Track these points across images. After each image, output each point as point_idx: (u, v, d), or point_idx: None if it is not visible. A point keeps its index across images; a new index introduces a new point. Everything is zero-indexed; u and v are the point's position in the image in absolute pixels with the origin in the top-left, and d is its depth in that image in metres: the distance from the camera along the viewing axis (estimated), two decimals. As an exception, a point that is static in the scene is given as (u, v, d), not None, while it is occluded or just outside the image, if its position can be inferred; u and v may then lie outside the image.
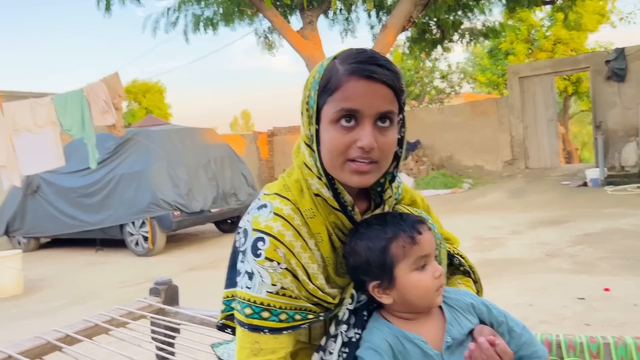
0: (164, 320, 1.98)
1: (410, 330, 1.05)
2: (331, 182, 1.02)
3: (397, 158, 1.06)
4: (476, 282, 1.29)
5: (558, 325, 3.20)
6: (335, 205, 1.03)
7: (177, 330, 1.97)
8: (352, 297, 1.09)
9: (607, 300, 3.57)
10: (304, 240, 1.02)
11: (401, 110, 1.03)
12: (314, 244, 1.03)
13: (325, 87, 0.98)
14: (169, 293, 2.13)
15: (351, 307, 1.09)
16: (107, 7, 10.08)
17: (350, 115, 0.96)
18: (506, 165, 12.90)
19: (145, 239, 7.16)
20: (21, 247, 8.30)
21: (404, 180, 12.38)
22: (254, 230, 1.00)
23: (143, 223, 7.16)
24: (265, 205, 1.02)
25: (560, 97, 18.81)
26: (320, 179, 1.03)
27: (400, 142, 1.06)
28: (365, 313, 1.11)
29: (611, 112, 11.44)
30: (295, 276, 1.00)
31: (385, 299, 1.05)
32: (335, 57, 1.02)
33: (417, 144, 13.59)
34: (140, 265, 6.64)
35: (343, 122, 0.97)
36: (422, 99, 21.21)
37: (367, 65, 0.96)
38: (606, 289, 3.77)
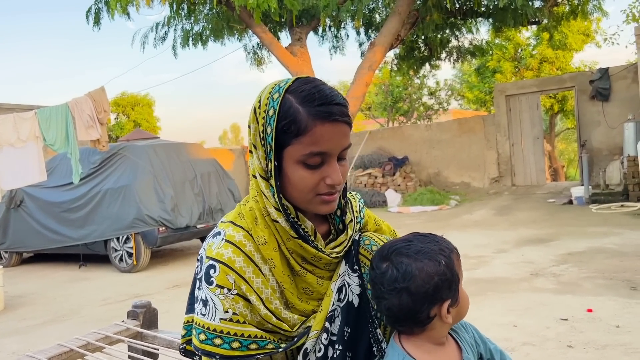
0: (142, 345, 1.95)
1: None
2: (289, 216, 1.06)
3: None
4: None
5: (540, 346, 3.20)
6: (293, 234, 1.06)
7: (155, 356, 1.94)
8: (326, 330, 1.08)
9: (590, 321, 3.58)
10: (257, 266, 1.04)
11: None
12: (268, 270, 1.06)
13: (288, 129, 1.01)
14: (147, 316, 2.09)
15: (326, 342, 1.08)
16: (97, 21, 10.08)
17: (318, 157, 1.02)
18: (493, 182, 12.99)
19: (130, 254, 7.09)
20: (3, 262, 8.18)
21: (392, 196, 12.44)
22: (207, 257, 1.04)
23: (127, 239, 7.09)
24: (219, 233, 1.07)
25: (546, 115, 19.04)
26: (278, 210, 1.06)
27: None
28: (338, 347, 1.09)
29: (596, 131, 11.61)
30: (247, 300, 1.02)
31: (450, 318, 1.04)
32: (287, 91, 1.03)
33: (404, 160, 13.65)
34: (124, 282, 6.56)
35: (311, 162, 1.02)
36: (410, 115, 21.36)
37: (329, 107, 1.01)
38: (589, 310, 3.78)
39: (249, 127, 1.09)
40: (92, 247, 7.48)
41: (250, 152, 1.10)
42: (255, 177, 1.09)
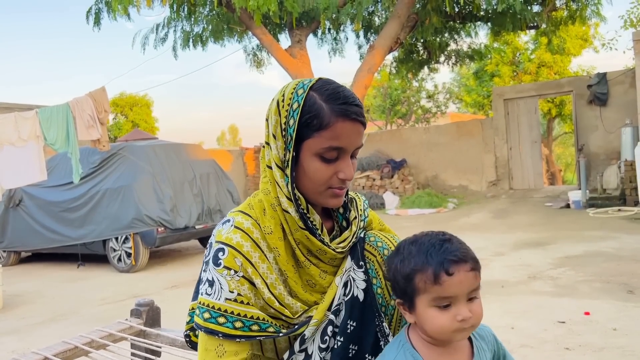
0: (145, 343, 1.96)
1: None
2: (299, 207, 1.11)
3: None
4: None
5: (538, 349, 3.22)
6: (302, 225, 1.12)
7: (158, 353, 1.96)
8: (331, 323, 1.12)
9: (587, 324, 3.61)
10: (263, 252, 1.10)
11: None
12: (273, 258, 1.11)
13: (311, 123, 1.07)
14: (150, 314, 2.11)
15: (331, 333, 1.12)
16: (97, 22, 10.09)
17: (335, 152, 1.08)
18: (490, 186, 13.03)
19: (128, 255, 7.09)
20: (1, 261, 8.17)
21: (390, 199, 12.46)
22: (216, 242, 1.10)
23: (126, 239, 7.10)
24: (228, 221, 1.13)
25: (544, 119, 19.10)
26: (290, 199, 1.11)
27: None
28: (340, 339, 1.13)
29: (593, 136, 11.65)
30: (252, 283, 1.08)
31: (408, 318, 1.06)
32: (311, 88, 1.10)
33: (403, 162, 13.68)
34: (123, 282, 6.57)
35: (328, 156, 1.08)
36: (408, 118, 21.41)
37: (350, 106, 1.08)
38: (586, 313, 3.80)
39: (267, 120, 1.14)
40: (90, 247, 7.48)
41: (267, 144, 1.15)
42: (270, 167, 1.14)
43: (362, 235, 1.23)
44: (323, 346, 1.12)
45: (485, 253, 6.34)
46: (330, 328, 1.12)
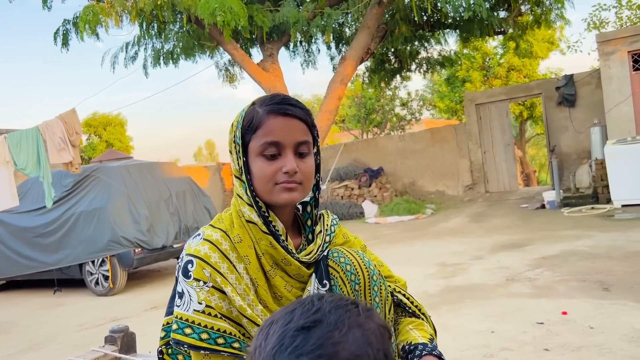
0: (120, 370, 1.93)
1: None
2: (260, 209, 1.15)
3: (317, 184, 1.24)
4: (426, 318, 1.30)
5: (519, 351, 3.25)
6: (265, 229, 1.15)
7: (133, 380, 1.93)
8: None
9: (565, 323, 3.65)
10: (232, 263, 1.13)
11: (315, 141, 1.21)
12: (243, 268, 1.14)
13: (249, 127, 1.16)
14: (125, 341, 2.08)
15: None
16: (65, 43, 9.99)
17: (273, 147, 1.14)
18: (467, 190, 13.18)
19: (106, 277, 6.98)
20: (-26, 290, 7.97)
21: (369, 207, 12.51)
22: (186, 254, 1.13)
23: (103, 261, 6.99)
24: (198, 234, 1.17)
25: (516, 122, 19.43)
26: (251, 206, 1.16)
27: (317, 168, 1.24)
28: None
29: (564, 136, 11.89)
30: (223, 292, 1.10)
31: None
32: (253, 103, 1.20)
33: (380, 171, 13.76)
34: (101, 306, 6.46)
35: (268, 154, 1.14)
36: (384, 126, 21.57)
37: (281, 105, 1.15)
38: (564, 313, 3.85)
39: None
40: (67, 272, 7.34)
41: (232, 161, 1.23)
42: (234, 184, 1.21)
43: (325, 253, 1.24)
44: None
45: (464, 257, 6.40)
46: None
